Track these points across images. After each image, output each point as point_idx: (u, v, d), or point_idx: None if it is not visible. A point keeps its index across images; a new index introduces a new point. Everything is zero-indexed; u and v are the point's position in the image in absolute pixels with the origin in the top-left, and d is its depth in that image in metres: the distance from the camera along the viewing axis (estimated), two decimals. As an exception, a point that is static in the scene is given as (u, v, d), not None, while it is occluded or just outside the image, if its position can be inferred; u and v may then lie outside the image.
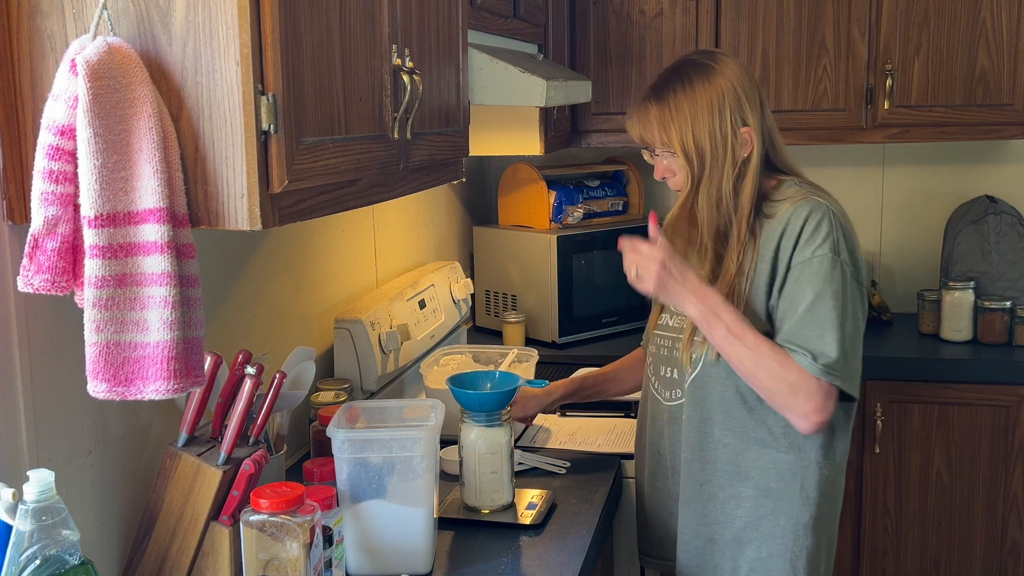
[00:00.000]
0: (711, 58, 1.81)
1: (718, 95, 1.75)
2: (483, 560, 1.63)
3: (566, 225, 3.10)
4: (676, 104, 1.76)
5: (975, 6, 2.90)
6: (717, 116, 1.75)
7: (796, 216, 1.73)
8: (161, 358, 1.15)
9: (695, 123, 1.75)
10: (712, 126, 1.75)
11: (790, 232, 1.72)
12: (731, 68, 1.78)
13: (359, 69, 1.39)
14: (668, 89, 1.78)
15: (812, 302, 1.68)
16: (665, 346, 1.89)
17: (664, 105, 1.77)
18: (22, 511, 1.11)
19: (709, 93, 1.75)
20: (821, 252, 1.70)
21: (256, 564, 1.36)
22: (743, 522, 1.80)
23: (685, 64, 1.82)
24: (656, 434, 1.91)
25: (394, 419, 1.67)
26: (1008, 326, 2.95)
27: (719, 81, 1.76)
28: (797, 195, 1.78)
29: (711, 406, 1.79)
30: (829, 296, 1.68)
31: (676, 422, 1.86)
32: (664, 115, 1.77)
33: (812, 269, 1.70)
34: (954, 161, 3.34)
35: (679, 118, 1.76)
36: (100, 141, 1.12)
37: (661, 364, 1.90)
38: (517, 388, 1.82)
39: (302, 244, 2.15)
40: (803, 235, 1.71)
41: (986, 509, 2.89)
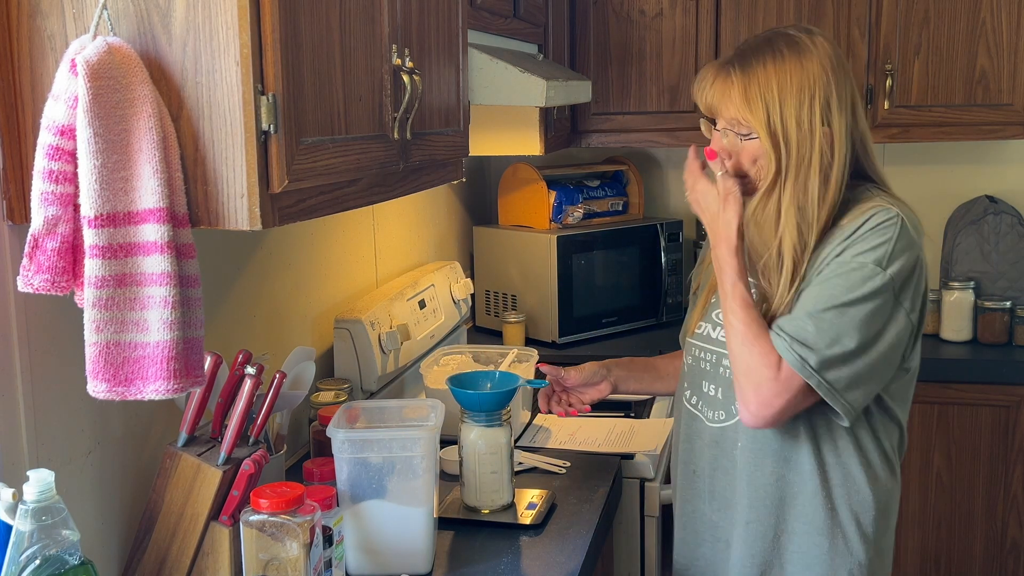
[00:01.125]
0: (807, 34, 1.61)
1: (811, 81, 1.56)
2: (483, 560, 1.63)
3: (566, 225, 3.10)
4: (765, 77, 1.57)
5: (975, 6, 2.90)
6: (807, 104, 1.56)
7: (860, 218, 1.57)
8: (161, 358, 1.15)
9: (783, 106, 1.56)
10: (799, 114, 1.56)
11: (845, 232, 1.57)
12: (823, 53, 1.59)
13: (359, 69, 1.39)
14: (757, 59, 1.59)
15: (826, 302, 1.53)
16: (709, 360, 1.73)
17: (750, 75, 1.58)
18: (22, 511, 1.11)
19: (801, 74, 1.56)
20: (863, 259, 1.53)
21: (256, 564, 1.36)
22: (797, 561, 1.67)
23: (778, 36, 1.62)
24: (693, 454, 1.77)
25: (394, 419, 1.67)
26: (1008, 326, 2.95)
27: (811, 64, 1.57)
28: (872, 202, 1.61)
29: (767, 435, 1.64)
30: (849, 303, 1.51)
31: (720, 446, 1.70)
32: (750, 88, 1.57)
33: (843, 271, 1.53)
34: (954, 161, 3.34)
35: (767, 92, 1.56)
36: (100, 141, 1.12)
37: (703, 379, 1.74)
38: (517, 388, 1.82)
39: (302, 244, 2.15)
40: (856, 236, 1.55)
41: (986, 509, 2.89)
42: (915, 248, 1.57)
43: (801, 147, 1.57)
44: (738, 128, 1.61)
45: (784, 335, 1.54)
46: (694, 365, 1.77)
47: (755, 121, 1.57)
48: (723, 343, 1.68)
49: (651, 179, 3.53)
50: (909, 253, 1.56)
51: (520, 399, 2.22)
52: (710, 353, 1.73)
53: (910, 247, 1.56)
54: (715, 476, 1.74)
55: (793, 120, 1.56)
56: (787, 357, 1.53)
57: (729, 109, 1.61)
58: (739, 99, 1.58)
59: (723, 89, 1.61)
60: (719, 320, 1.71)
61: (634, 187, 3.33)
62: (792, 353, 1.53)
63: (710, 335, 1.74)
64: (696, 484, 1.78)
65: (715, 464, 1.73)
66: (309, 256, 2.19)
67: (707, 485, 1.76)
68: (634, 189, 3.33)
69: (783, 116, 1.56)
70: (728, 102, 1.60)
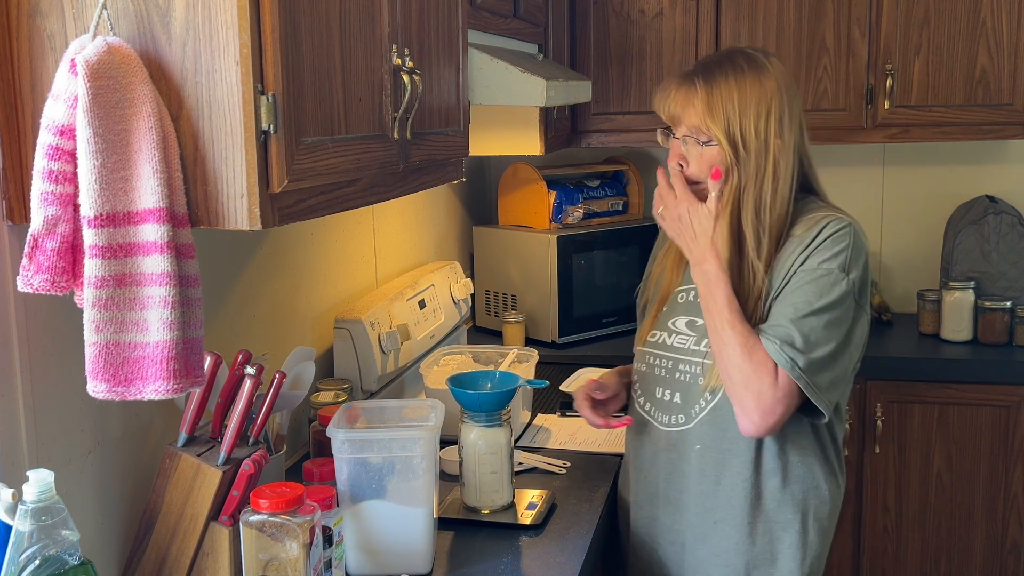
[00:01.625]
0: (764, 55, 1.73)
1: (767, 96, 1.67)
2: (483, 560, 1.63)
3: (566, 225, 3.10)
4: (727, 89, 1.66)
5: (975, 6, 2.90)
6: (764, 117, 1.66)
7: (814, 227, 1.67)
8: (161, 358, 1.15)
9: (743, 116, 1.65)
10: (757, 125, 1.66)
11: (804, 241, 1.67)
12: (779, 74, 1.71)
13: (359, 69, 1.39)
14: (719, 73, 1.68)
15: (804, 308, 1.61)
16: (664, 367, 1.80)
17: (712, 87, 1.67)
18: (22, 511, 1.11)
19: (759, 91, 1.67)
20: (829, 266, 1.63)
21: (256, 564, 1.36)
22: (761, 559, 1.74)
23: (737, 53, 1.73)
24: (646, 460, 1.83)
25: (394, 419, 1.67)
26: (1008, 326, 2.95)
27: (768, 82, 1.68)
28: (819, 212, 1.72)
29: (732, 437, 1.71)
30: (824, 308, 1.61)
31: (678, 450, 1.77)
32: (712, 98, 1.66)
33: (812, 278, 1.63)
34: (954, 161, 3.34)
35: (728, 104, 1.65)
36: (100, 141, 1.12)
37: (657, 385, 1.81)
38: (517, 388, 1.82)
39: (302, 244, 2.15)
40: (815, 245, 1.65)
41: (986, 509, 2.89)
42: (865, 254, 1.69)
43: (758, 155, 1.66)
44: (699, 135, 1.69)
45: (773, 339, 1.61)
46: (647, 372, 1.84)
47: (716, 129, 1.66)
48: (679, 349, 1.77)
49: (651, 179, 3.52)
50: (863, 259, 1.68)
51: (520, 399, 2.22)
52: (665, 359, 1.80)
53: (863, 253, 1.69)
54: (670, 480, 1.80)
55: (752, 130, 1.66)
56: (778, 359, 1.59)
57: (692, 117, 1.69)
58: (702, 108, 1.67)
59: (686, 98, 1.70)
60: (675, 328, 1.80)
61: (634, 187, 3.33)
62: (783, 355, 1.60)
63: (666, 342, 1.81)
64: (648, 489, 1.83)
65: (670, 468, 1.79)
66: (309, 256, 2.19)
67: (661, 489, 1.81)
68: (634, 189, 3.33)
69: (742, 126, 1.66)
70: (691, 110, 1.69)
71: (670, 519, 1.80)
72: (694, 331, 1.77)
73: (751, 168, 1.67)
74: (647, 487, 1.83)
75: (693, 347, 1.76)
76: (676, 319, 1.81)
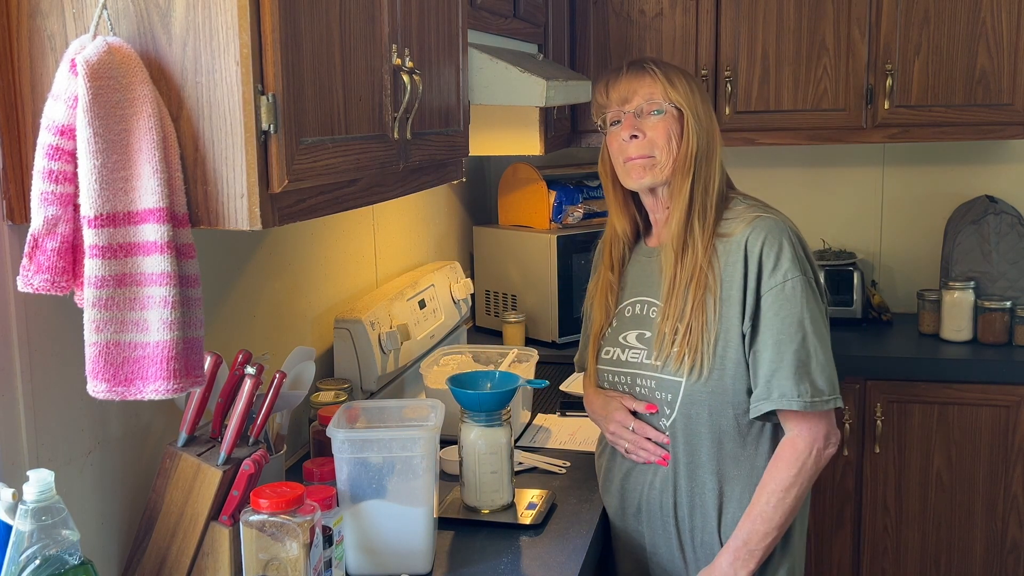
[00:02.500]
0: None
1: (703, 91, 1.78)
2: (483, 560, 1.63)
3: (566, 225, 3.10)
4: (677, 73, 1.75)
5: (975, 6, 2.90)
6: (706, 104, 1.77)
7: (754, 238, 1.69)
8: (161, 358, 1.15)
9: (698, 93, 1.75)
10: (706, 107, 1.76)
11: (752, 255, 1.69)
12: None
13: (359, 69, 1.39)
14: (664, 63, 1.78)
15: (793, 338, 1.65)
16: (623, 382, 1.81)
17: (666, 70, 1.75)
18: (22, 511, 1.11)
19: (698, 83, 1.78)
20: (792, 275, 1.67)
21: (256, 564, 1.36)
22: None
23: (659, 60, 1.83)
24: (618, 472, 1.84)
25: (394, 419, 1.67)
26: (1008, 326, 2.95)
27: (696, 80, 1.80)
28: (748, 212, 1.74)
29: (695, 447, 1.73)
30: (808, 322, 1.66)
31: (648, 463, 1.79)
32: (669, 76, 1.74)
33: (786, 295, 1.66)
34: (954, 161, 3.34)
35: (683, 82, 1.74)
36: (100, 141, 1.12)
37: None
38: (517, 388, 1.82)
39: (302, 244, 2.15)
40: (766, 259, 1.68)
41: (986, 509, 2.89)
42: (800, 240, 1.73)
43: (708, 131, 1.74)
44: (656, 104, 1.73)
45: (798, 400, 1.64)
46: (608, 390, 1.85)
47: (679, 96, 1.72)
48: (634, 364, 1.79)
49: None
50: (801, 244, 1.72)
51: (520, 399, 2.22)
52: (623, 375, 1.82)
53: (799, 239, 1.72)
54: (639, 491, 1.80)
55: (702, 109, 1.75)
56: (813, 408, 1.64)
57: (647, 88, 1.74)
58: (662, 80, 1.73)
59: (640, 77, 1.75)
60: (626, 343, 1.82)
61: (634, 187, 3.33)
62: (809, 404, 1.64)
63: (620, 358, 1.82)
64: (624, 503, 1.83)
65: (639, 479, 1.80)
66: (309, 256, 2.19)
67: (631, 500, 1.82)
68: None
69: (698, 101, 1.74)
70: (647, 83, 1.74)
71: (651, 531, 1.80)
72: (644, 344, 1.78)
73: (704, 139, 1.73)
74: (624, 500, 1.83)
75: (646, 360, 1.77)
76: (626, 333, 1.82)
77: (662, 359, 1.73)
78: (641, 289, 1.83)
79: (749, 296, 1.68)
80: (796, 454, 1.67)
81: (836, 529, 2.98)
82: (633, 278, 1.86)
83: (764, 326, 1.67)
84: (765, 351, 1.66)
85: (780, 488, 1.67)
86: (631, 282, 1.86)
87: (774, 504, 1.67)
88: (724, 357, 1.69)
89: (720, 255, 1.71)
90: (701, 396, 1.70)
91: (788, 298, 1.66)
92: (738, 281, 1.69)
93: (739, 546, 1.68)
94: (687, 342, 1.69)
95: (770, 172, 3.46)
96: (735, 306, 1.68)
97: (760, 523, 1.67)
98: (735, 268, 1.69)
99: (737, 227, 1.72)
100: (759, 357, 1.67)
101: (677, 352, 1.70)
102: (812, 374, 1.65)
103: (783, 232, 1.70)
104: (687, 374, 1.70)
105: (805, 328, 1.66)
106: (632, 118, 1.74)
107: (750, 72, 3.05)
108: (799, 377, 1.64)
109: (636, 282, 1.85)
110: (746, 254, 1.69)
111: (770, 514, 1.67)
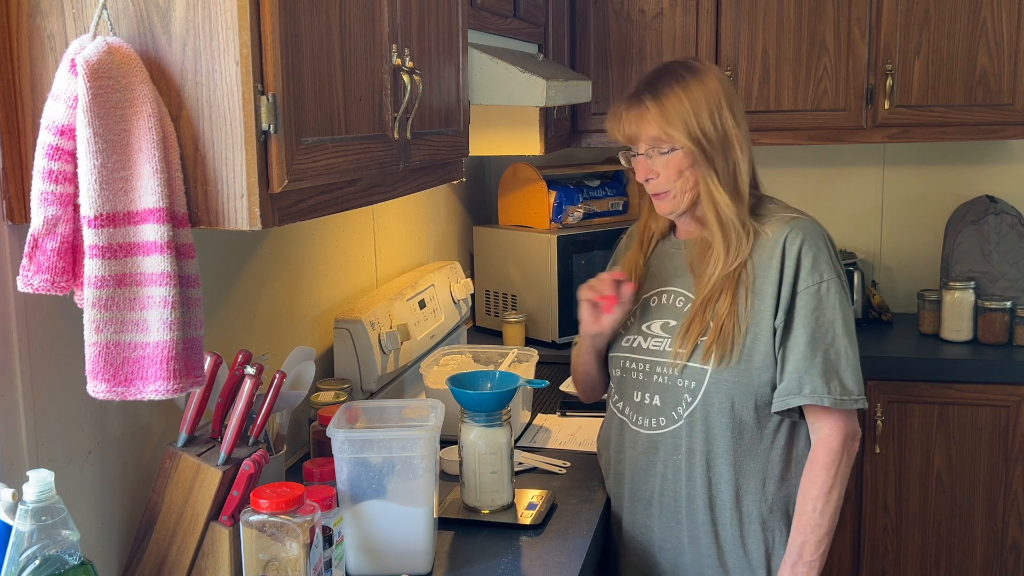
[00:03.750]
0: (696, 60, 1.82)
1: (713, 93, 1.74)
2: (483, 560, 1.63)
3: (566, 225, 3.10)
4: (676, 97, 1.73)
5: (975, 6, 2.90)
6: (716, 111, 1.73)
7: (793, 237, 1.73)
8: (161, 358, 1.15)
9: (698, 113, 1.72)
10: (713, 119, 1.73)
11: (789, 253, 1.72)
12: (717, 72, 1.78)
13: (359, 69, 1.39)
14: (663, 85, 1.75)
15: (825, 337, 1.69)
16: (641, 370, 1.82)
17: (662, 99, 1.74)
18: (22, 511, 1.11)
19: (704, 90, 1.74)
20: (829, 277, 1.71)
21: (256, 564, 1.36)
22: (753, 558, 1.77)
23: (672, 65, 1.80)
24: (628, 464, 1.84)
25: (394, 419, 1.67)
26: (1008, 326, 2.95)
27: (711, 81, 1.75)
28: (781, 212, 1.79)
29: (713, 438, 1.74)
30: (841, 323, 1.70)
31: (660, 453, 1.79)
32: (665, 108, 1.73)
33: (821, 296, 1.70)
34: (954, 161, 3.34)
35: (681, 109, 1.72)
36: (100, 141, 1.12)
37: (634, 388, 1.83)
38: (517, 388, 1.82)
39: (302, 244, 2.15)
40: (804, 258, 1.71)
41: (986, 509, 2.89)
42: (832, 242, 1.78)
43: (723, 146, 1.73)
44: (660, 146, 1.75)
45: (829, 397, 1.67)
46: (623, 376, 1.86)
47: (677, 133, 1.72)
48: (656, 352, 1.80)
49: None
50: (834, 248, 1.77)
51: (520, 399, 2.22)
52: (642, 363, 1.82)
53: (832, 243, 1.77)
54: (653, 483, 1.81)
55: (710, 125, 1.73)
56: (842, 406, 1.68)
57: (650, 129, 1.75)
58: (658, 118, 1.73)
59: (639, 115, 1.76)
60: (649, 331, 1.82)
61: (634, 187, 3.33)
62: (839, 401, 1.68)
63: (641, 346, 1.83)
64: (636, 494, 1.84)
65: (655, 471, 1.80)
66: (309, 256, 2.19)
67: (643, 493, 1.82)
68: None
69: (700, 124, 1.72)
70: (647, 124, 1.75)
71: (661, 524, 1.81)
72: (668, 332, 1.80)
73: (719, 159, 1.73)
74: (634, 492, 1.84)
75: (668, 348, 1.78)
76: (651, 323, 1.83)
77: (688, 346, 1.74)
78: (669, 280, 1.85)
79: (784, 292, 1.71)
80: (831, 454, 1.70)
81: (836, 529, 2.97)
82: (660, 268, 1.88)
83: (798, 323, 1.70)
84: (797, 347, 1.69)
85: (823, 492, 1.70)
86: (658, 273, 1.87)
87: (820, 509, 1.69)
88: (752, 349, 1.71)
89: (755, 251, 1.75)
90: (726, 385, 1.72)
91: (823, 299, 1.70)
92: (773, 276, 1.72)
93: (795, 560, 1.70)
94: (719, 332, 1.71)
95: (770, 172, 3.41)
96: (768, 300, 1.72)
97: (811, 532, 1.70)
98: (770, 264, 1.73)
99: (773, 226, 1.76)
100: (790, 353, 1.70)
101: (707, 341, 1.72)
102: (841, 374, 1.69)
103: (821, 235, 1.75)
104: (715, 363, 1.72)
105: (837, 329, 1.70)
106: (644, 160, 1.78)
107: (750, 72, 3.05)
108: (829, 375, 1.68)
109: (663, 273, 1.86)
110: (784, 252, 1.72)
111: (818, 520, 1.69)
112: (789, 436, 1.76)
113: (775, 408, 1.71)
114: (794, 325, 1.70)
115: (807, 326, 1.70)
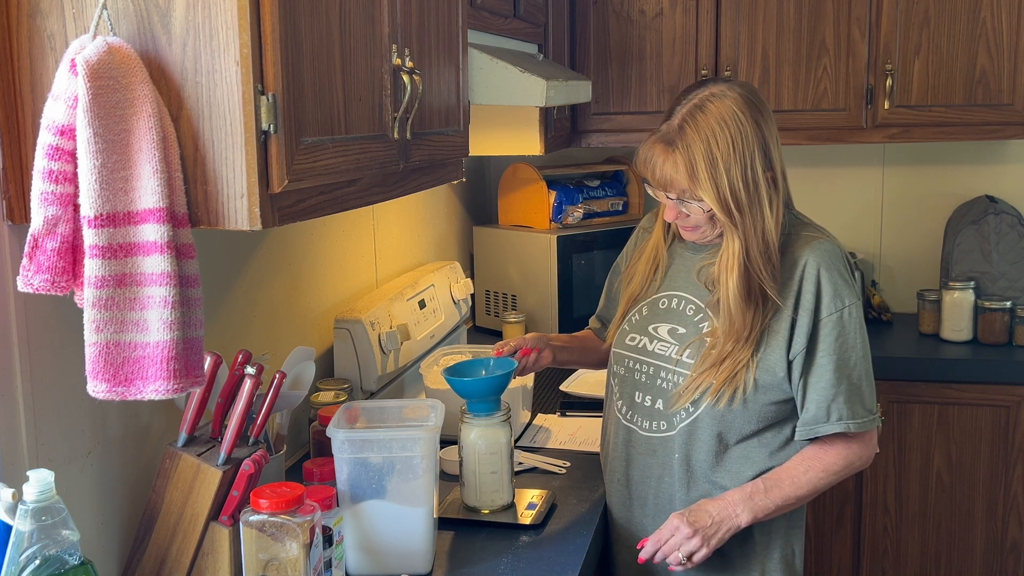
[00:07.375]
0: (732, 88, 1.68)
1: (746, 136, 1.64)
2: (483, 560, 1.63)
3: (566, 225, 3.10)
4: (706, 151, 1.63)
5: (975, 6, 2.90)
6: (749, 163, 1.64)
7: (813, 262, 1.69)
8: (161, 358, 1.15)
9: (729, 173, 1.63)
10: (745, 175, 1.64)
11: (808, 279, 1.69)
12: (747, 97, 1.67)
13: (359, 69, 1.39)
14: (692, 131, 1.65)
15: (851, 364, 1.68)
16: (645, 372, 1.80)
17: (693, 150, 1.64)
18: (22, 511, 1.11)
19: (742, 137, 1.64)
20: (850, 302, 1.69)
21: (256, 564, 1.36)
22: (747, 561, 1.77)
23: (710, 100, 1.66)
24: (625, 462, 1.83)
25: (394, 419, 1.67)
26: (1008, 326, 2.95)
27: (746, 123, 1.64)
28: (801, 231, 1.75)
29: (708, 448, 1.73)
30: (861, 346, 1.69)
31: (658, 456, 1.78)
32: (695, 163, 1.64)
33: (844, 322, 1.68)
34: (954, 161, 3.34)
35: (712, 170, 1.63)
36: (100, 141, 1.12)
37: (636, 390, 1.81)
38: (513, 371, 1.81)
39: (302, 244, 2.15)
40: (825, 284, 1.68)
41: (986, 509, 2.89)
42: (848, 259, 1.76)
43: (752, 205, 1.66)
44: (690, 197, 1.68)
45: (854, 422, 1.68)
46: (627, 376, 1.84)
47: (707, 195, 1.64)
48: (661, 356, 1.78)
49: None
50: (849, 265, 1.75)
51: (520, 399, 2.22)
52: (646, 365, 1.80)
53: (849, 263, 1.75)
54: (648, 484, 1.80)
55: (740, 183, 1.64)
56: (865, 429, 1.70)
57: (680, 182, 1.67)
58: (687, 175, 1.65)
59: (672, 167, 1.66)
60: (656, 334, 1.80)
61: (634, 187, 3.34)
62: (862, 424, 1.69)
63: (647, 347, 1.81)
64: (630, 493, 1.83)
65: (651, 473, 1.79)
66: (309, 256, 2.19)
67: (638, 492, 1.82)
68: (634, 189, 3.34)
69: (731, 184, 1.64)
70: (678, 177, 1.66)
71: (656, 524, 1.78)
72: (675, 339, 1.77)
73: (748, 221, 1.66)
74: (629, 491, 1.83)
75: (675, 355, 1.76)
76: (658, 325, 1.81)
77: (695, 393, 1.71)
78: (680, 284, 1.81)
79: (801, 318, 1.68)
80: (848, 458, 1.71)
81: (836, 529, 2.98)
82: (673, 269, 1.84)
83: (822, 352, 1.67)
84: (824, 377, 1.67)
85: (821, 467, 1.70)
86: (670, 273, 1.84)
87: (810, 475, 1.69)
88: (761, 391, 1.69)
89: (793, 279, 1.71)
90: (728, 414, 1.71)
91: (847, 325, 1.68)
92: (789, 303, 1.69)
93: (757, 490, 1.69)
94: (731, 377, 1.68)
95: (770, 172, 3.45)
96: (782, 333, 1.69)
97: (787, 481, 1.69)
98: (788, 289, 1.69)
99: (791, 249, 1.72)
100: (815, 382, 1.68)
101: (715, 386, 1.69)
102: (863, 396, 1.69)
103: (840, 258, 1.72)
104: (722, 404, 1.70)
105: (859, 352, 1.69)
106: (675, 204, 1.72)
107: (750, 72, 3.05)
108: (853, 401, 1.68)
109: (675, 275, 1.83)
110: (802, 278, 1.69)
111: (801, 480, 1.69)
112: (785, 442, 1.74)
113: (799, 436, 1.70)
114: (818, 353, 1.67)
115: (832, 354, 1.67)
